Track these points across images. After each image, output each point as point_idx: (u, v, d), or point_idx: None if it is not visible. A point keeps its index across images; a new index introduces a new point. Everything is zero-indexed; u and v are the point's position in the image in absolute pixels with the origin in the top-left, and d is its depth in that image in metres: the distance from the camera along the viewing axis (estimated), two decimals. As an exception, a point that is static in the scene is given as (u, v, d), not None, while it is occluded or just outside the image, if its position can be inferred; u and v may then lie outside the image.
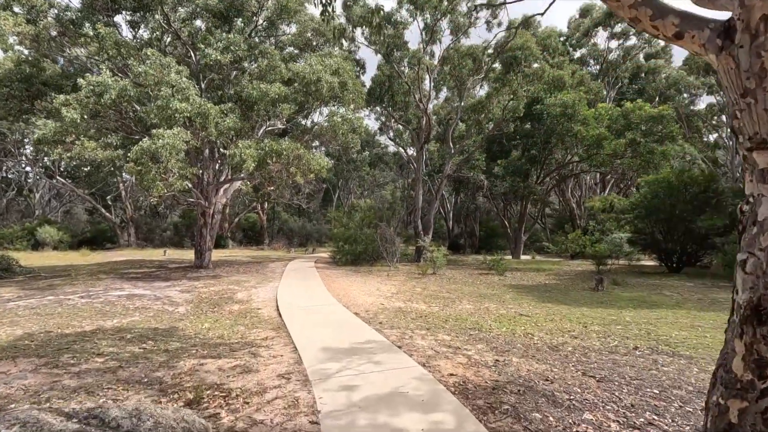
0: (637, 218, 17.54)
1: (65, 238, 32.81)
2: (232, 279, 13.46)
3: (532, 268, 19.63)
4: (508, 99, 20.32)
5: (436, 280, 14.56)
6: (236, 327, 6.99)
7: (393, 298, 10.36)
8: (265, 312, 8.34)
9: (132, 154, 11.05)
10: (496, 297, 11.13)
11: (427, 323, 7.40)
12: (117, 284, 12.21)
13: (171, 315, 8.10)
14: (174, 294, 10.62)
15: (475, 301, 10.26)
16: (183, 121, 12.20)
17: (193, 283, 12.61)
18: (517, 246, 26.37)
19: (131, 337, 6.26)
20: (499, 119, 20.89)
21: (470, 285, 13.57)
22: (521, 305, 9.88)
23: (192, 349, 5.61)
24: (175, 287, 11.78)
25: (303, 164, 13.05)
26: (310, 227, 44.11)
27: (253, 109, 14.99)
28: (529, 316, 8.44)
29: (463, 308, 9.26)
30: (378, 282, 13.74)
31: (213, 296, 10.30)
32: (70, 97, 11.90)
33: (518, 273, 17.53)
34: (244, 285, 12.19)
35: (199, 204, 15.57)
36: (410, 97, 22.85)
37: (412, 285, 13.12)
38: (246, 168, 12.43)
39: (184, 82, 12.38)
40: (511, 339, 6.42)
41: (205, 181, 15.80)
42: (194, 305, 9.17)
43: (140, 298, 9.85)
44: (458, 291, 12.05)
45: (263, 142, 13.18)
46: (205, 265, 16.18)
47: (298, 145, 13.29)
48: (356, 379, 4.27)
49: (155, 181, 11.87)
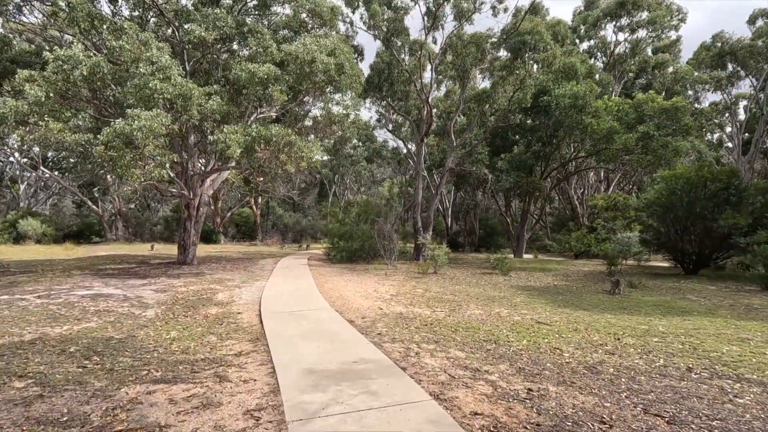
0: (651, 216, 16.50)
1: (49, 232, 31.53)
2: (216, 277, 12.30)
3: (537, 267, 18.58)
4: (514, 89, 19.20)
5: (437, 281, 13.47)
6: (207, 337, 5.86)
7: (392, 301, 9.26)
8: (245, 317, 7.21)
9: (103, 136, 9.85)
10: (506, 300, 10.05)
11: (434, 334, 6.29)
12: (87, 282, 11.04)
13: (135, 320, 6.96)
14: (147, 294, 9.46)
15: (483, 305, 9.18)
16: (163, 103, 11.01)
17: (172, 281, 11.45)
18: (520, 245, 25.33)
19: (75, 350, 5.12)
20: (504, 111, 19.79)
21: (475, 286, 12.49)
22: (535, 310, 8.80)
23: (144, 369, 4.48)
24: (151, 286, 10.62)
25: (295, 152, 11.89)
26: (304, 223, 42.93)
27: (241, 93, 13.81)
28: (548, 325, 7.36)
29: (471, 314, 8.17)
30: (375, 282, 12.63)
31: (190, 297, 9.16)
32: (36, 73, 10.67)
33: (523, 273, 16.48)
34: (227, 284, 11.04)
35: (183, 195, 14.37)
36: (411, 86, 21.68)
37: (412, 285, 12.02)
38: (231, 155, 11.25)
39: (165, 59, 11.16)
40: (537, 356, 5.33)
41: (189, 170, 14.60)
42: (166, 308, 8.02)
43: (106, 299, 8.69)
44: (463, 293, 10.96)
45: (251, 127, 12.01)
46: (188, 262, 15.00)
47: (289, 131, 12.12)
48: (348, 423, 3.16)
49: (130, 169, 10.69)
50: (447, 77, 26.25)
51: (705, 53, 31.31)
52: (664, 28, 27.89)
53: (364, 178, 57.72)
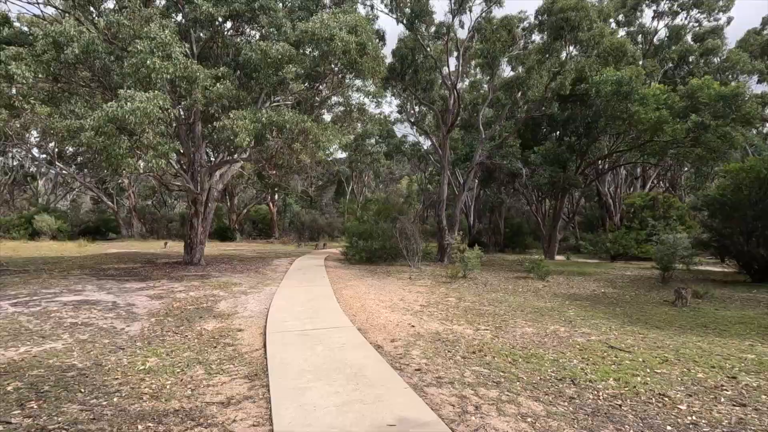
0: (712, 216, 14.57)
1: (64, 228, 31.09)
2: (222, 281, 11.03)
3: (574, 271, 16.82)
4: (551, 74, 17.45)
5: (469, 287, 11.93)
6: (193, 369, 4.49)
7: (424, 315, 7.78)
8: (247, 337, 5.84)
9: (92, 120, 8.64)
10: (557, 313, 8.46)
11: (489, 368, 4.79)
12: (80, 285, 9.90)
13: (113, 339, 5.66)
14: (140, 301, 8.21)
15: (533, 321, 7.62)
16: (162, 84, 9.76)
17: (173, 285, 10.22)
18: (551, 245, 23.50)
19: (14, 389, 3.81)
20: (538, 99, 18.04)
21: (513, 293, 10.90)
22: (598, 328, 7.20)
23: (88, 426, 3.12)
24: (148, 290, 9.40)
25: (310, 140, 10.51)
26: (321, 221, 41.69)
27: (252, 77, 12.52)
28: (626, 352, 5.78)
29: (523, 333, 6.64)
30: (400, 287, 11.17)
31: (187, 306, 7.87)
32: (24, 50, 9.55)
33: (561, 277, 14.78)
34: (233, 290, 9.73)
35: (189, 190, 13.17)
36: (435, 74, 20.12)
37: (442, 293, 10.52)
38: (239, 144, 9.94)
39: (166, 35, 9.90)
40: (643, 410, 3.78)
41: (196, 162, 13.39)
42: (156, 321, 6.72)
43: (91, 308, 7.46)
44: (503, 303, 9.40)
45: (261, 112, 10.68)
46: (195, 262, 13.82)
47: (304, 117, 10.74)
48: None
49: (124, 158, 9.48)
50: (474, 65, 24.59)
51: (754, 38, 28.75)
52: (712, 10, 25.55)
53: (382, 175, 56.24)
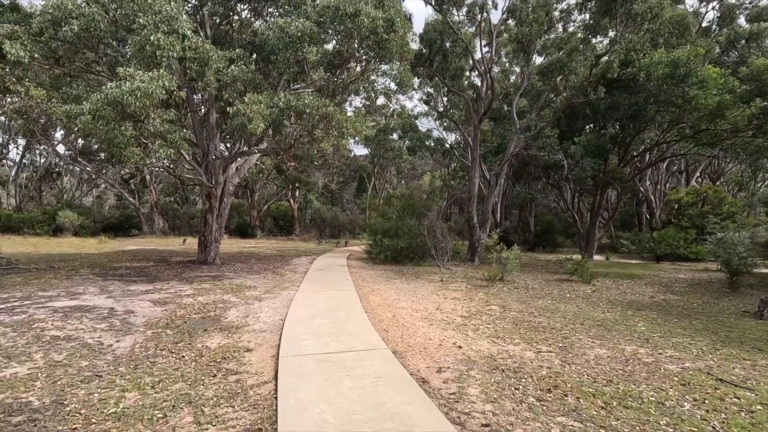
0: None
1: (86, 224, 30.96)
2: (236, 283, 9.97)
3: (619, 273, 15.17)
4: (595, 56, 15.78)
5: (510, 291, 10.56)
6: (178, 413, 3.35)
7: (469, 329, 6.49)
8: (255, 361, 4.69)
9: (90, 104, 7.67)
10: (624, 328, 7.02)
11: (578, 418, 3.48)
12: (81, 287, 9.01)
13: (93, 360, 4.61)
14: (141, 308, 7.21)
15: (601, 339, 6.23)
16: (168, 64, 8.74)
17: (182, 287, 9.22)
18: (590, 244, 21.75)
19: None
20: (582, 84, 16.37)
21: (562, 300, 9.46)
22: (688, 351, 5.74)
23: None
24: (153, 294, 8.42)
25: (333, 127, 9.32)
26: (342, 217, 40.72)
27: (270, 60, 11.41)
28: (747, 389, 4.37)
29: (598, 357, 5.28)
30: (432, 292, 9.89)
31: (192, 315, 6.80)
32: (20, 27, 8.67)
33: (607, 280, 13.20)
34: (246, 294, 8.64)
35: (202, 184, 12.21)
36: (466, 60, 18.67)
37: (482, 299, 9.18)
38: (253, 130, 8.83)
39: (172, 9, 8.86)
40: None
41: (210, 154, 12.41)
42: (151, 335, 5.67)
43: (83, 316, 6.48)
44: (556, 313, 8.00)
45: (278, 95, 9.54)
46: (210, 261, 12.86)
47: (326, 102, 9.56)
48: None
49: (127, 147, 8.50)
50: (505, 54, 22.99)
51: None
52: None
53: (405, 171, 54.85)
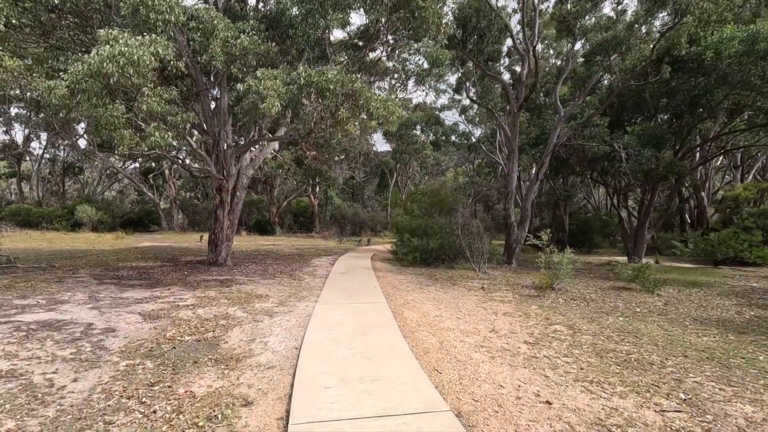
0: None
1: (105, 219, 30.42)
2: (246, 290, 8.54)
3: (681, 280, 13.13)
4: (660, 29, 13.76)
5: (567, 304, 8.81)
6: None
7: (545, 365, 4.82)
8: (254, 427, 3.19)
9: (69, 75, 6.33)
10: (742, 361, 5.20)
11: None
12: (69, 292, 7.74)
13: (23, 419, 3.19)
14: (126, 324, 5.83)
15: (724, 381, 4.48)
16: (164, 29, 7.34)
17: (183, 295, 7.85)
18: (638, 246, 19.59)
19: None
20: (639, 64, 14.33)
21: (634, 317, 7.63)
22: None
23: None
24: (148, 303, 7.06)
25: (360, 106, 7.77)
26: (364, 214, 39.27)
27: (288, 35, 9.95)
28: None
29: (744, 418, 3.58)
30: (478, 304, 8.23)
31: (186, 336, 5.36)
32: (-4, -9, 7.41)
33: (672, 290, 11.23)
34: (255, 307, 7.18)
35: (212, 175, 10.85)
36: (503, 40, 16.84)
37: (539, 315, 7.47)
38: (266, 110, 7.36)
39: (171, -34, 7.45)
40: None
41: (221, 141, 11.04)
42: (125, 369, 4.24)
43: (49, 337, 5.13)
44: (638, 336, 6.20)
45: (297, 70, 8.04)
46: (220, 262, 11.52)
47: (353, 77, 8.01)
48: None
49: (118, 129, 7.15)
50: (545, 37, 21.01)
51: None
52: None
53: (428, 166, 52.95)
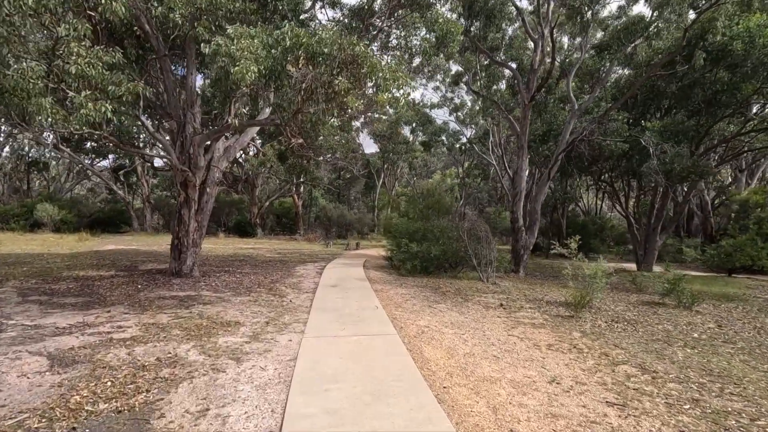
0: None
1: (69, 218, 27.73)
2: (211, 313, 6.58)
3: (710, 292, 11.70)
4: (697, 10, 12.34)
5: (611, 328, 7.12)
6: None
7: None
8: None
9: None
10: None
11: None
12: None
13: None
14: (17, 378, 3.85)
15: None
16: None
17: (125, 322, 5.87)
18: (649, 253, 18.27)
19: None
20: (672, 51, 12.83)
21: (704, 349, 6.01)
22: None
23: None
24: (70, 336, 5.08)
25: (363, 74, 5.95)
26: (350, 216, 37.30)
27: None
28: None
29: None
30: (509, 332, 6.46)
31: (100, 404, 3.41)
32: None
33: (707, 305, 9.80)
34: (219, 343, 5.23)
35: (174, 167, 8.85)
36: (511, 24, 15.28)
37: (591, 347, 5.73)
38: (238, 75, 5.49)
39: None
40: None
41: (188, 127, 9.06)
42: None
43: None
44: (737, 380, 4.53)
45: (282, 29, 6.18)
46: (185, 272, 9.46)
47: (352, 39, 6.19)
48: None
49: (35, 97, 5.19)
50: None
51: None
52: None
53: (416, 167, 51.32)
